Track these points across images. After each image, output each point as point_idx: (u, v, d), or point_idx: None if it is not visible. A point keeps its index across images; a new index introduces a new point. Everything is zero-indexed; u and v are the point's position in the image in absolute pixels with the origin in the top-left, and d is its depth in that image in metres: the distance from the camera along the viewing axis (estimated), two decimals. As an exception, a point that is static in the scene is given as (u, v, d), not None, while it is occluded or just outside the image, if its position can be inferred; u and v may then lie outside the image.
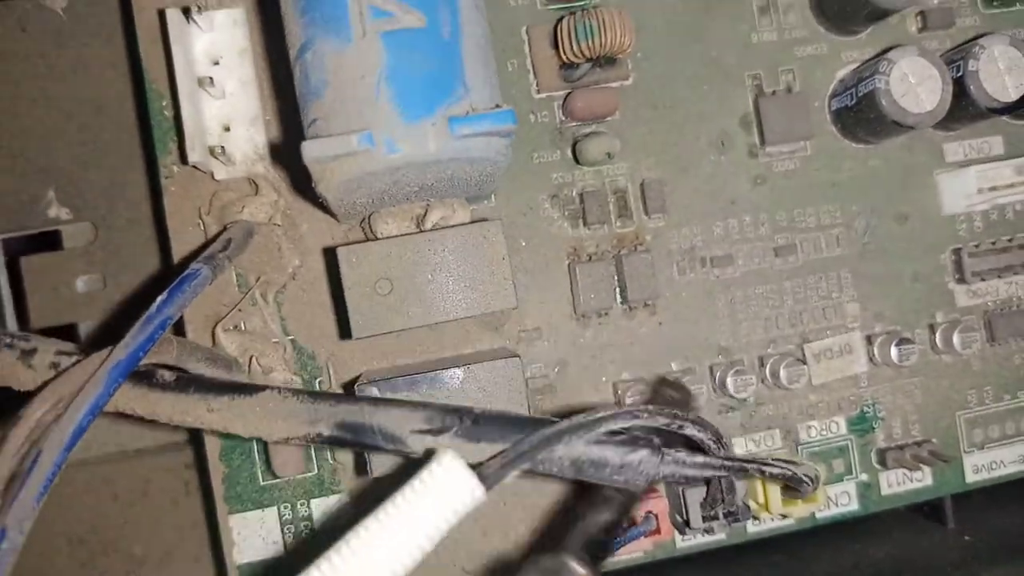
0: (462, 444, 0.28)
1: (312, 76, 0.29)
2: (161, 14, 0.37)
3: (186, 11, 0.36)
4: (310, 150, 0.28)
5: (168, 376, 0.30)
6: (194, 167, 0.37)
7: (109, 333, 0.42)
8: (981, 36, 0.39)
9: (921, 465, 0.39)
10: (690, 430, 0.28)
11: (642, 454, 0.28)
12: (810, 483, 0.32)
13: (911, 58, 0.37)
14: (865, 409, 0.41)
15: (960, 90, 0.38)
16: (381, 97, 0.28)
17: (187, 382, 0.29)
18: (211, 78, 0.36)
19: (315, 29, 0.29)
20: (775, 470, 0.30)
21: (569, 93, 0.39)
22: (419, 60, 0.28)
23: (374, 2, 0.29)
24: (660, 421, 0.28)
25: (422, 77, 0.28)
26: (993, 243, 0.42)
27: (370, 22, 0.28)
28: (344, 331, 0.35)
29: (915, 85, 0.37)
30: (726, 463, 0.29)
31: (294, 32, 0.30)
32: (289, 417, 0.29)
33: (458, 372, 0.34)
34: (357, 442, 0.29)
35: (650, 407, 0.28)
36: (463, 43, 0.29)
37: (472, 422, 0.28)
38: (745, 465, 0.29)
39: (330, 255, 0.36)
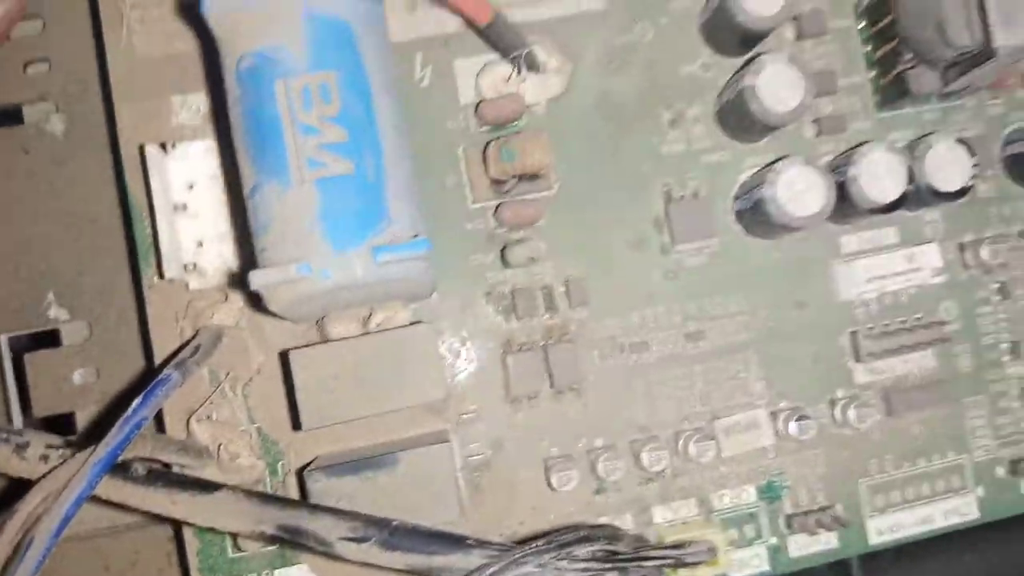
0: (380, 553, 0.34)
1: (260, 213, 0.35)
2: (141, 148, 0.43)
3: (163, 145, 0.43)
4: (256, 279, 0.34)
5: (141, 469, 0.35)
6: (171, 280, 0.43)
7: (102, 421, 0.48)
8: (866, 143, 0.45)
9: (821, 530, 0.44)
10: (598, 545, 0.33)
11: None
12: (702, 559, 0.37)
13: (797, 168, 0.43)
14: (772, 479, 0.46)
15: (843, 193, 0.44)
16: (316, 232, 0.34)
17: (156, 477, 0.35)
18: (185, 204, 0.42)
19: (262, 175, 0.35)
20: (664, 562, 0.35)
21: (500, 204, 0.45)
22: (348, 200, 0.34)
23: (309, 153, 0.35)
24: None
25: (350, 214, 0.34)
26: (887, 325, 0.47)
27: (307, 171, 0.34)
28: (296, 423, 0.40)
29: (801, 192, 0.43)
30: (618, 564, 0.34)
31: (246, 174, 0.36)
32: (240, 515, 0.35)
33: (396, 457, 0.39)
34: (295, 542, 0.34)
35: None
36: (387, 183, 0.35)
37: (389, 533, 0.34)
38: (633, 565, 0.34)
39: (284, 357, 0.41)
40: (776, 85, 0.43)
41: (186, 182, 0.43)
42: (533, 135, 0.44)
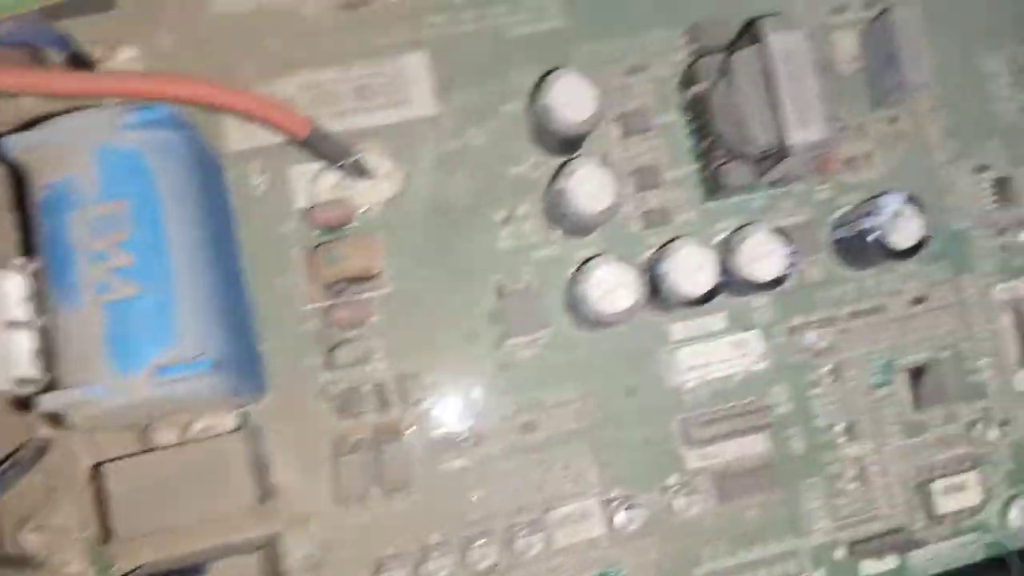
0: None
1: (56, 335, 0.37)
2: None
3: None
4: (45, 402, 0.35)
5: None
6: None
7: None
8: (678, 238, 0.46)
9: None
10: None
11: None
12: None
13: (606, 266, 0.44)
14: (607, 569, 0.46)
15: (657, 288, 0.45)
16: (102, 354, 0.35)
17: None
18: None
19: (58, 298, 0.37)
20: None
21: (332, 305, 0.46)
22: (132, 323, 0.36)
23: (98, 278, 0.36)
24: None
25: (135, 336, 0.36)
26: (717, 410, 0.48)
27: (95, 294, 0.36)
28: (109, 534, 0.41)
29: (612, 288, 0.44)
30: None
31: (47, 297, 0.38)
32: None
33: (215, 565, 0.40)
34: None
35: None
36: (175, 304, 0.37)
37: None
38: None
39: (97, 469, 0.42)
40: (587, 187, 0.44)
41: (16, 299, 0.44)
42: (358, 239, 0.46)
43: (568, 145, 0.48)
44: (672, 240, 0.46)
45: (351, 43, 0.49)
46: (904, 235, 0.46)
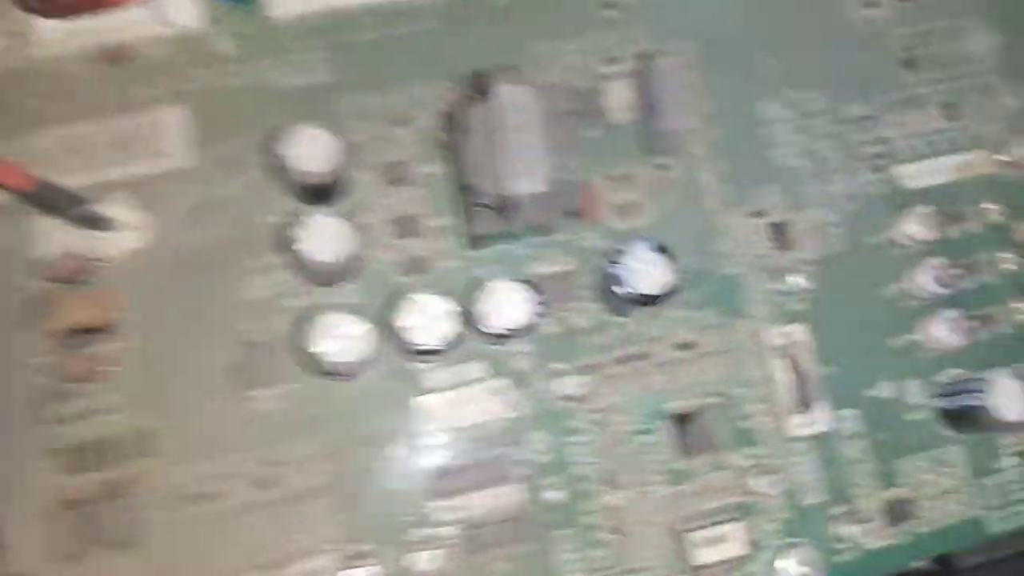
0: None
1: None
2: None
3: None
4: None
5: None
6: None
7: None
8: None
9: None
10: None
11: None
12: None
13: (336, 319, 0.44)
14: (343, 624, 0.45)
15: (397, 338, 0.45)
16: None
17: None
18: None
19: None
20: None
21: (63, 357, 0.46)
22: None
23: None
24: None
25: None
26: (469, 459, 0.47)
27: None
28: None
29: (343, 340, 0.44)
30: None
31: None
32: None
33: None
34: None
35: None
36: None
37: None
38: None
39: None
40: (322, 238, 0.44)
41: None
42: (93, 291, 0.45)
43: (318, 195, 0.48)
44: (417, 292, 0.46)
45: (110, 96, 0.49)
46: (647, 282, 0.46)
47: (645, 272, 0.46)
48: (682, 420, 0.50)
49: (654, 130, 0.50)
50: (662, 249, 0.47)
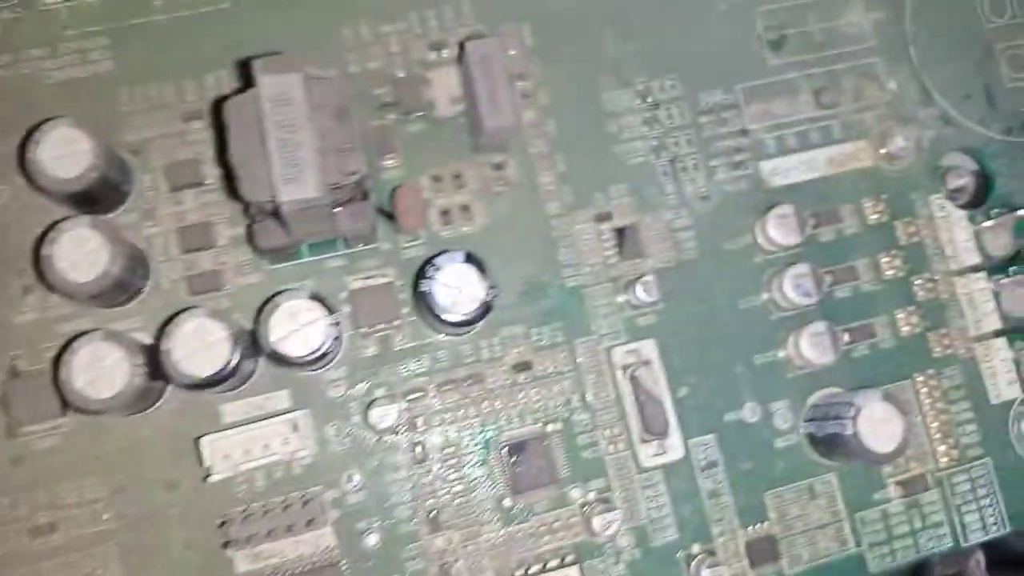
0: None
1: None
2: None
3: None
4: None
5: None
6: None
7: None
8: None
9: None
10: None
11: None
12: None
13: (89, 346, 0.44)
14: None
15: (158, 366, 0.45)
16: None
17: None
18: None
19: None
20: None
21: None
22: None
23: None
24: None
25: None
26: (274, 502, 0.48)
27: None
28: None
29: (100, 370, 0.44)
30: None
31: None
32: None
33: None
34: None
35: None
36: None
37: None
38: None
39: None
40: (75, 254, 0.44)
41: None
42: None
43: (83, 203, 0.48)
44: (178, 314, 0.45)
45: None
46: (458, 301, 0.47)
47: (456, 290, 0.47)
48: (517, 451, 0.49)
49: (480, 124, 0.51)
50: (475, 262, 0.47)
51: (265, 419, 0.47)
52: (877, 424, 0.46)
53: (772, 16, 0.54)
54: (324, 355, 0.44)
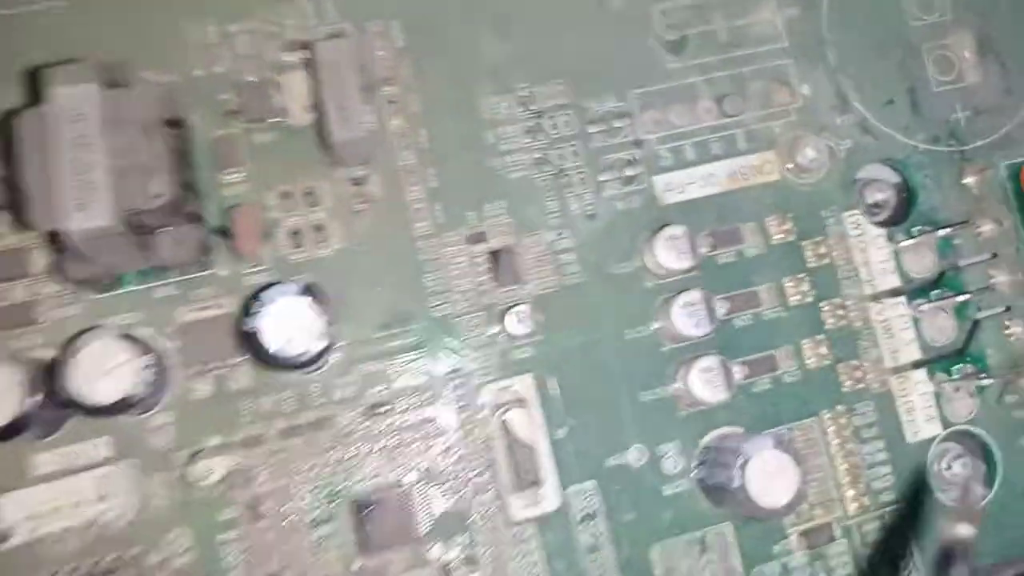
0: None
1: None
2: None
3: None
4: None
5: None
6: None
7: None
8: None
9: None
10: None
11: None
12: None
13: None
14: None
15: None
16: None
17: None
18: None
19: None
20: None
21: None
22: None
23: None
24: None
25: None
26: (85, 566, 0.42)
27: None
28: None
29: None
30: None
31: None
32: None
33: None
34: None
35: None
36: None
37: None
38: None
39: None
40: None
41: None
42: None
43: None
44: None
45: None
46: (290, 339, 0.41)
47: (290, 326, 0.41)
48: (369, 506, 0.44)
49: (335, 134, 0.45)
50: (312, 294, 0.42)
51: (80, 470, 0.41)
52: (768, 475, 0.40)
53: (672, 14, 0.48)
54: (137, 402, 0.38)
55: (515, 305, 0.44)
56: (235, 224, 0.43)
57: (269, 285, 0.40)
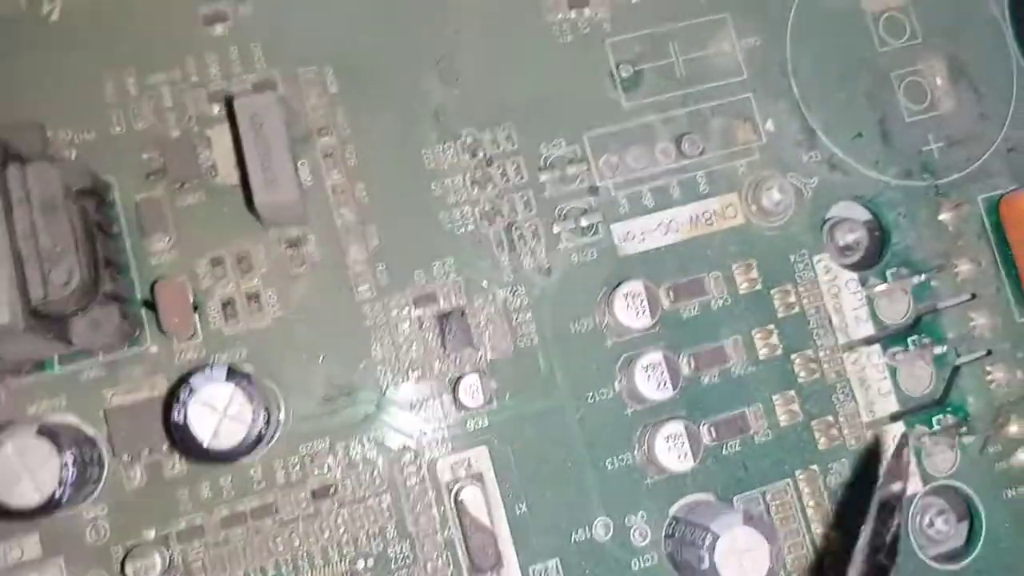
0: None
1: None
2: None
3: None
4: None
5: None
6: None
7: None
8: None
9: None
10: None
11: None
12: None
13: None
14: None
15: None
16: None
17: None
18: None
19: None
20: None
21: None
22: None
23: None
24: None
25: None
26: None
27: None
28: None
29: None
30: None
31: None
32: None
33: None
34: None
35: None
36: None
37: None
38: None
39: None
40: None
41: None
42: None
43: None
44: None
45: None
46: (217, 430, 0.37)
47: (219, 414, 0.37)
48: (320, 596, 0.41)
49: (256, 197, 0.41)
50: (241, 377, 0.38)
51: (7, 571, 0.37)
52: (738, 553, 0.37)
53: (625, 48, 0.44)
54: (63, 500, 0.35)
55: (467, 375, 0.41)
56: (160, 300, 0.39)
57: (194, 371, 0.36)
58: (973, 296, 0.46)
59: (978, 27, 0.48)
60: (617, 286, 0.42)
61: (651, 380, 0.41)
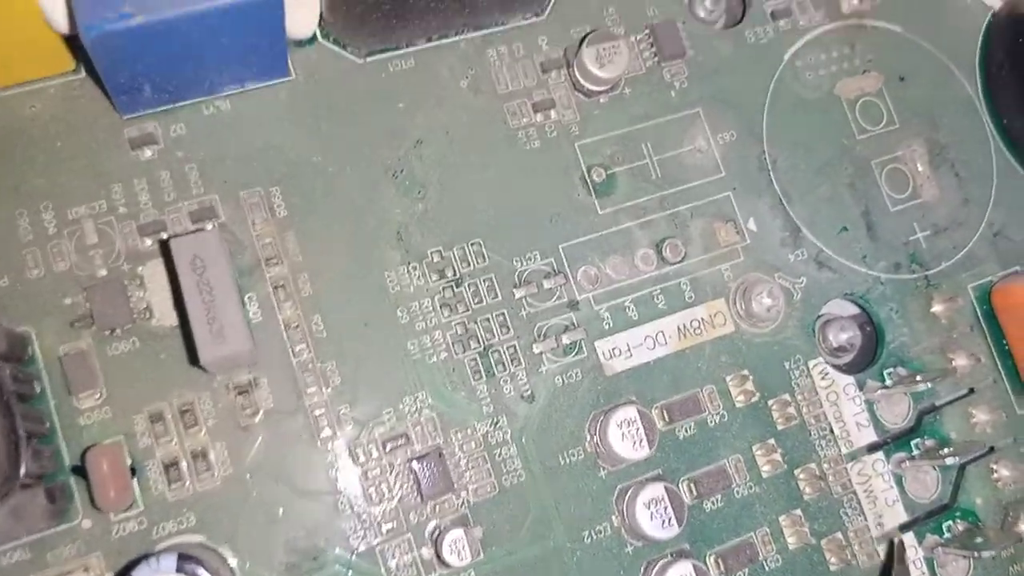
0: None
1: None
2: None
3: None
4: None
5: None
6: None
7: None
8: None
9: None
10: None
11: None
12: None
13: None
14: None
15: None
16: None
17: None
18: None
19: None
20: None
21: None
22: None
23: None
24: None
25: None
26: None
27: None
28: None
29: None
30: None
31: None
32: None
33: None
34: None
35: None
36: None
37: None
38: None
39: None
40: None
41: None
42: None
43: None
44: None
45: None
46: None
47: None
48: None
49: (202, 353, 0.33)
50: (192, 564, 0.30)
51: None
52: None
53: (596, 150, 0.38)
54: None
55: (450, 530, 0.34)
56: (92, 470, 0.31)
57: (136, 562, 0.29)
58: (971, 391, 0.40)
59: (954, 108, 0.43)
60: (609, 411, 0.35)
61: (655, 518, 0.35)
